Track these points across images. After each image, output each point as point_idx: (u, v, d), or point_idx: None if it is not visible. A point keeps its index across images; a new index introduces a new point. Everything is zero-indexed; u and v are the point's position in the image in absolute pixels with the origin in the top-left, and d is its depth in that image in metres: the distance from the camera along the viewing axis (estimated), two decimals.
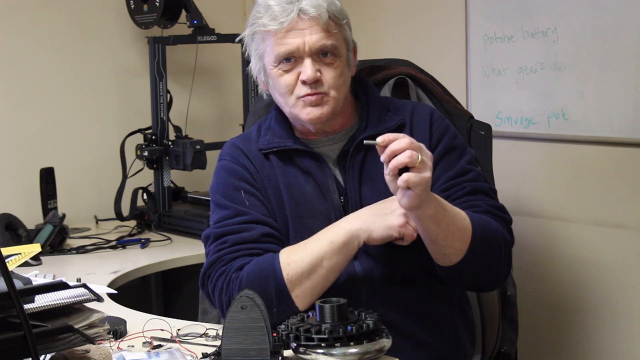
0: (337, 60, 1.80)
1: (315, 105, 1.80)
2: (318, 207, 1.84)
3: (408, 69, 2.27)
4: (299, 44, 1.78)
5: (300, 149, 1.86)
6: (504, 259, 1.81)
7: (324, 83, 1.80)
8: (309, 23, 1.77)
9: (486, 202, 1.83)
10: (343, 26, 1.82)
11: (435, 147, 1.85)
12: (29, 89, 3.05)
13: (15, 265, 1.65)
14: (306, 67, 1.78)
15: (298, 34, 1.78)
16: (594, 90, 2.59)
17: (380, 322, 1.55)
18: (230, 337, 1.47)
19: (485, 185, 1.87)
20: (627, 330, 2.60)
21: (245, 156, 1.90)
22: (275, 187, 1.86)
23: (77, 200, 3.10)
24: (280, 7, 1.78)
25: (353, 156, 1.84)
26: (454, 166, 1.85)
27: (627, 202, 2.56)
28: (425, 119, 1.89)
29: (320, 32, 1.77)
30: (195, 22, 3.06)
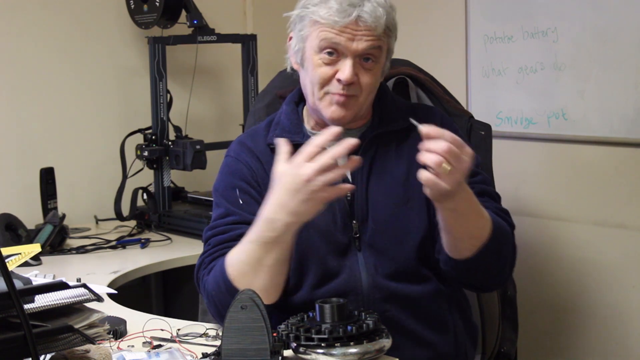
0: (376, 66, 1.81)
1: (341, 105, 1.80)
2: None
3: (408, 68, 2.27)
4: (348, 43, 1.77)
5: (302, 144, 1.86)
6: (510, 261, 1.85)
7: (357, 86, 1.80)
8: (364, 29, 1.76)
9: (494, 205, 1.85)
10: (392, 36, 1.83)
11: None
12: (29, 89, 3.05)
13: (15, 265, 1.65)
14: (346, 67, 1.77)
15: (350, 35, 1.77)
16: (594, 90, 2.59)
17: (380, 322, 1.55)
18: (230, 337, 1.47)
19: (491, 189, 1.91)
20: (627, 330, 2.60)
21: (252, 152, 1.90)
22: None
23: (77, 200, 3.10)
24: (340, 6, 1.76)
25: (364, 153, 1.84)
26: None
27: (627, 202, 2.56)
28: (436, 119, 1.89)
29: (371, 41, 1.78)
30: (195, 22, 3.06)
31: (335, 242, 1.83)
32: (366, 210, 1.84)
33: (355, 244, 1.83)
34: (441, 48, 2.98)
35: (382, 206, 1.83)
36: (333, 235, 1.82)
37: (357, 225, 1.83)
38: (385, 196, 1.84)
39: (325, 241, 1.82)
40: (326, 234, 1.83)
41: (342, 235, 1.83)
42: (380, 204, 1.84)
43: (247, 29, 3.46)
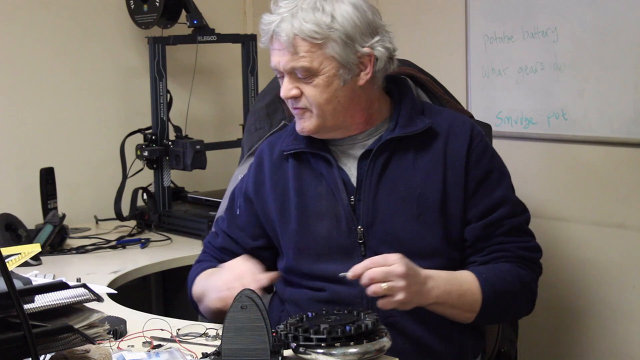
0: (316, 78, 1.78)
1: (300, 118, 1.84)
2: (327, 207, 1.85)
3: (408, 69, 2.27)
4: (275, 62, 1.81)
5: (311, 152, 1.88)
6: (524, 306, 1.89)
7: (304, 99, 1.81)
8: (280, 45, 1.79)
9: (519, 245, 1.86)
10: (323, 45, 1.77)
11: (474, 167, 1.84)
12: (29, 89, 3.05)
13: (15, 265, 1.65)
14: (283, 85, 1.82)
15: (275, 53, 1.81)
16: (594, 90, 2.59)
17: (379, 322, 1.55)
18: (230, 337, 1.47)
19: (521, 220, 1.90)
20: (627, 330, 2.60)
21: (269, 157, 1.95)
22: (283, 190, 1.90)
23: (77, 200, 3.10)
24: (264, 26, 1.83)
25: (375, 157, 1.84)
26: (494, 192, 1.85)
27: (627, 202, 2.56)
28: (466, 132, 1.86)
29: (289, 55, 1.77)
30: (195, 22, 3.06)
31: (339, 246, 1.83)
32: (373, 217, 1.82)
33: (361, 249, 1.82)
34: (441, 48, 2.97)
35: (392, 216, 1.82)
36: (336, 240, 1.83)
37: (362, 230, 1.82)
38: (396, 206, 1.82)
39: (327, 246, 1.83)
40: (329, 239, 1.83)
41: (346, 240, 1.82)
42: (390, 213, 1.82)
43: (247, 29, 3.46)
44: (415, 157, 1.84)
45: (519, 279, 1.83)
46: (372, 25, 1.82)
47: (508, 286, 1.81)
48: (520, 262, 1.85)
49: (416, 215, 1.81)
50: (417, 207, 1.81)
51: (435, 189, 1.82)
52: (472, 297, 1.78)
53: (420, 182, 1.82)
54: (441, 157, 1.83)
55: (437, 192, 1.82)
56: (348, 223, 1.83)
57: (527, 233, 1.91)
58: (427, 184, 1.82)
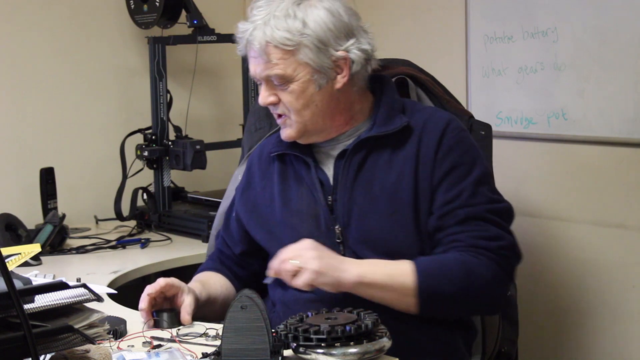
0: (291, 84, 1.80)
1: (284, 125, 1.87)
2: (307, 208, 1.88)
3: (408, 69, 2.27)
4: (252, 71, 1.84)
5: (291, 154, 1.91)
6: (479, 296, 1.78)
7: (281, 106, 1.84)
8: (254, 53, 1.81)
9: (474, 234, 1.79)
10: (295, 51, 1.78)
11: (442, 161, 1.83)
12: (29, 89, 3.05)
13: (15, 265, 1.65)
14: (260, 92, 1.85)
15: (251, 61, 1.83)
16: (594, 90, 2.59)
17: (379, 322, 1.55)
18: (230, 337, 1.47)
19: (481, 209, 1.82)
20: (627, 330, 2.60)
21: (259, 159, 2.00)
22: (270, 191, 1.94)
23: (77, 200, 3.10)
24: (239, 34, 1.84)
25: (351, 156, 1.85)
26: (455, 186, 1.82)
27: (627, 202, 2.56)
28: (438, 128, 1.85)
29: (263, 63, 1.80)
30: (195, 22, 3.06)
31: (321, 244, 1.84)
32: (349, 216, 1.83)
33: (339, 248, 1.84)
34: (441, 48, 2.97)
35: (367, 215, 1.83)
36: (317, 240, 1.83)
37: (339, 230, 1.84)
38: (371, 205, 1.83)
39: None
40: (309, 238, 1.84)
41: (326, 240, 1.83)
42: (365, 213, 1.83)
43: None
44: (391, 155, 1.85)
45: (462, 265, 1.75)
46: (347, 28, 1.82)
47: (446, 270, 1.75)
48: (473, 250, 1.77)
49: (389, 213, 1.82)
50: (391, 205, 1.82)
51: (408, 187, 1.82)
52: (401, 277, 1.73)
53: (393, 180, 1.83)
54: (414, 155, 1.83)
55: (410, 189, 1.82)
56: (326, 223, 1.85)
57: (490, 221, 1.81)
58: (400, 181, 1.82)
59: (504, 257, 1.80)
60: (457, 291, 1.75)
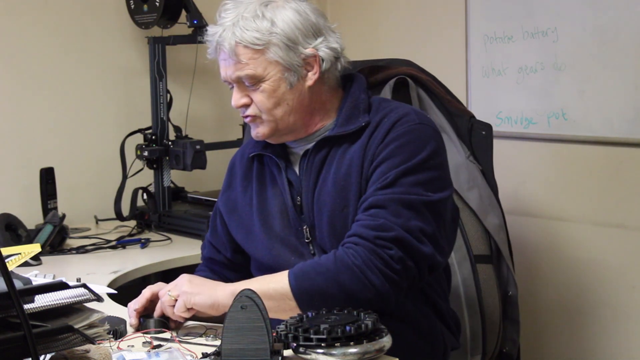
0: (262, 84, 1.82)
1: (254, 125, 1.88)
2: (279, 208, 1.90)
3: (409, 69, 2.27)
4: (223, 74, 1.86)
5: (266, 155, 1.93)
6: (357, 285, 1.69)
7: (253, 106, 1.85)
8: (225, 55, 1.82)
9: (361, 223, 1.73)
10: (264, 50, 1.79)
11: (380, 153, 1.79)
12: (29, 88, 3.05)
13: (15, 265, 1.65)
14: (233, 94, 1.87)
15: (222, 64, 1.85)
16: (594, 90, 2.59)
17: (379, 322, 1.55)
18: (230, 337, 1.47)
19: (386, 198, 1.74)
20: (627, 330, 2.60)
21: (241, 160, 2.01)
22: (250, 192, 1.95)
23: (77, 200, 3.10)
24: (209, 38, 1.85)
25: (312, 155, 1.87)
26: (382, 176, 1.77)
27: (627, 202, 2.56)
28: (389, 122, 1.82)
29: (233, 64, 1.82)
30: (195, 22, 3.06)
31: (292, 245, 1.87)
32: (313, 215, 1.85)
33: (309, 248, 1.86)
34: (441, 48, 2.98)
35: (325, 211, 1.83)
36: (288, 239, 1.86)
37: (307, 230, 1.86)
38: (328, 201, 1.84)
39: (284, 245, 1.88)
40: (283, 238, 1.88)
41: (296, 240, 1.87)
42: (324, 209, 1.84)
43: None
44: (345, 151, 1.85)
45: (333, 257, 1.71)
46: (315, 27, 1.83)
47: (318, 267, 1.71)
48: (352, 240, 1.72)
49: (342, 207, 1.82)
50: (343, 199, 1.82)
51: (356, 181, 1.81)
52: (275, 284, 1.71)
53: (343, 175, 1.83)
54: (363, 148, 1.82)
55: (356, 184, 1.81)
56: (295, 223, 1.87)
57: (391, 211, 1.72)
58: (349, 175, 1.82)
59: (381, 247, 1.70)
60: (329, 284, 1.69)
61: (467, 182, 2.23)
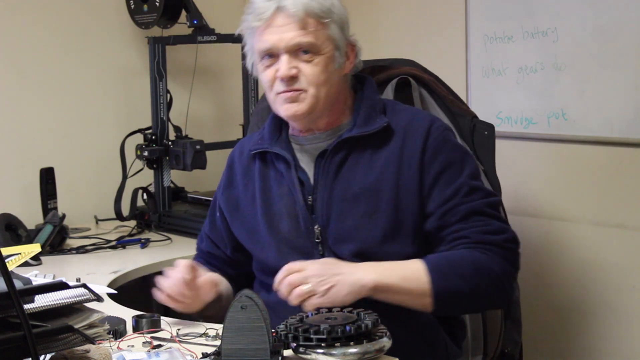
0: (317, 57, 1.80)
1: (291, 101, 1.82)
2: (287, 207, 1.88)
3: (412, 69, 2.27)
4: (275, 40, 1.80)
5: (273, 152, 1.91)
6: (492, 291, 1.79)
7: (301, 79, 1.81)
8: (286, 20, 1.79)
9: (479, 229, 1.79)
10: (327, 25, 1.81)
11: (431, 162, 1.83)
12: (29, 88, 3.05)
13: (15, 265, 1.65)
14: (281, 64, 1.80)
15: (275, 30, 1.80)
16: (594, 90, 2.59)
17: (379, 322, 1.55)
18: (230, 337, 1.47)
19: (480, 204, 1.82)
20: (627, 330, 2.60)
21: (240, 156, 2.00)
22: (252, 190, 1.94)
23: (77, 200, 3.10)
24: (261, 3, 1.82)
25: (331, 155, 1.85)
26: (451, 184, 1.82)
27: (627, 202, 2.56)
28: (422, 129, 1.85)
29: (296, 30, 1.79)
30: (195, 22, 3.06)
31: (299, 246, 1.85)
32: (328, 216, 1.83)
33: (318, 248, 1.84)
34: (441, 48, 2.97)
35: (346, 215, 1.82)
36: (296, 239, 1.85)
37: (319, 230, 1.84)
38: (350, 204, 1.82)
39: (289, 246, 1.86)
40: (289, 239, 1.86)
41: (305, 240, 1.84)
42: (344, 212, 1.82)
43: None
44: (372, 155, 1.84)
45: (472, 262, 1.76)
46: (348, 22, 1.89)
47: (457, 269, 1.75)
48: (480, 246, 1.78)
49: (370, 213, 1.81)
50: (371, 205, 1.81)
51: (389, 187, 1.81)
52: (417, 279, 1.73)
53: (374, 180, 1.82)
54: (397, 155, 1.83)
55: (391, 190, 1.81)
56: (305, 223, 1.85)
57: (491, 215, 1.82)
58: (381, 181, 1.82)
59: (510, 250, 1.81)
60: (470, 288, 1.75)
61: None
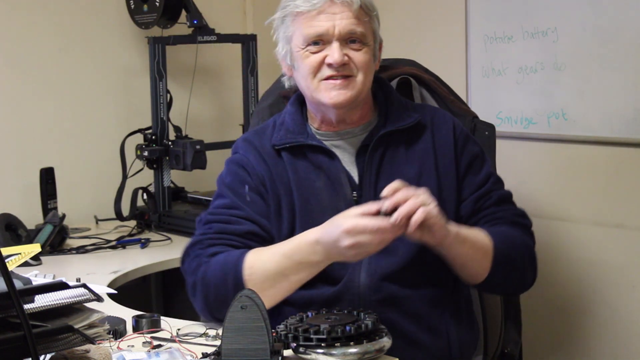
0: (365, 47, 1.83)
1: (340, 88, 1.81)
2: (329, 202, 1.84)
3: (412, 68, 2.27)
4: (329, 27, 1.80)
5: (312, 144, 1.87)
6: (529, 266, 1.91)
7: (351, 66, 1.82)
8: (341, 8, 1.81)
9: (510, 212, 1.92)
10: (372, 17, 1.86)
11: (462, 153, 1.91)
12: (29, 89, 3.05)
13: (15, 265, 1.65)
14: (334, 50, 1.80)
15: (329, 17, 1.80)
16: (594, 90, 2.59)
17: (379, 322, 1.55)
18: (230, 337, 1.47)
19: (506, 193, 1.96)
20: (627, 330, 2.60)
21: (258, 152, 1.91)
22: (285, 184, 1.87)
23: (77, 200, 3.10)
24: None
25: (372, 151, 1.86)
26: (480, 172, 1.93)
27: (627, 202, 2.56)
28: (448, 124, 1.93)
29: (351, 18, 1.81)
30: (195, 22, 3.06)
31: None
32: None
33: None
34: (441, 48, 2.97)
35: None
36: None
37: None
38: None
39: None
40: None
41: None
42: None
43: (247, 29, 3.46)
44: (407, 150, 1.89)
45: (520, 237, 1.89)
46: None
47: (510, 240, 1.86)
48: (515, 226, 1.90)
49: None
50: None
51: (431, 179, 1.86)
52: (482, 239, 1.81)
53: (415, 174, 1.85)
54: (431, 148, 1.90)
55: (433, 181, 1.86)
56: None
57: (514, 204, 1.97)
58: (423, 174, 1.86)
59: (534, 237, 1.95)
60: (520, 263, 1.87)
61: None
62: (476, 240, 1.80)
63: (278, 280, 1.74)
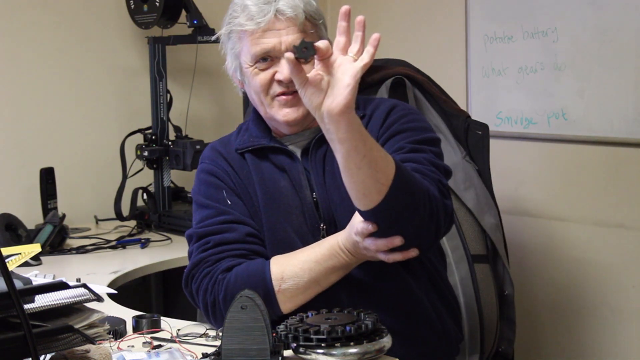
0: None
1: (291, 105, 1.81)
2: (293, 202, 1.84)
3: (405, 69, 2.27)
4: (275, 43, 1.79)
5: (274, 147, 1.87)
6: (429, 213, 1.65)
7: None
8: (286, 23, 1.79)
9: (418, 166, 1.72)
10: (319, 26, 1.83)
11: (384, 133, 1.82)
12: (29, 89, 3.05)
13: (15, 265, 1.65)
14: (282, 67, 1.79)
15: (275, 34, 1.79)
16: (594, 90, 2.59)
17: (379, 322, 1.55)
18: (231, 337, 1.47)
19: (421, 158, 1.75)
20: (627, 330, 2.60)
21: (224, 159, 1.91)
22: (251, 186, 1.87)
23: (77, 200, 3.10)
24: (257, 7, 1.79)
25: (314, 151, 1.85)
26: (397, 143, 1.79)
27: (627, 202, 2.56)
28: (384, 112, 1.86)
29: (296, 33, 1.78)
30: (195, 22, 3.06)
31: (309, 243, 1.82)
32: (331, 212, 1.82)
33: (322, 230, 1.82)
34: (441, 48, 2.98)
35: (345, 209, 1.78)
36: (306, 236, 1.82)
37: (324, 228, 1.82)
38: (343, 199, 1.76)
39: (302, 242, 1.82)
40: (301, 235, 1.82)
41: (313, 238, 1.81)
42: (343, 207, 1.79)
43: None
44: None
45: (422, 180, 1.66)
46: None
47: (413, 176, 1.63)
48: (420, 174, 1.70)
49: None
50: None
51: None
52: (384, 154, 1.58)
53: None
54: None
55: None
56: (312, 221, 1.83)
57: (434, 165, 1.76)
58: None
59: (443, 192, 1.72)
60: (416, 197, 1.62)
61: (464, 182, 2.23)
62: (379, 149, 1.57)
63: (311, 287, 1.73)
